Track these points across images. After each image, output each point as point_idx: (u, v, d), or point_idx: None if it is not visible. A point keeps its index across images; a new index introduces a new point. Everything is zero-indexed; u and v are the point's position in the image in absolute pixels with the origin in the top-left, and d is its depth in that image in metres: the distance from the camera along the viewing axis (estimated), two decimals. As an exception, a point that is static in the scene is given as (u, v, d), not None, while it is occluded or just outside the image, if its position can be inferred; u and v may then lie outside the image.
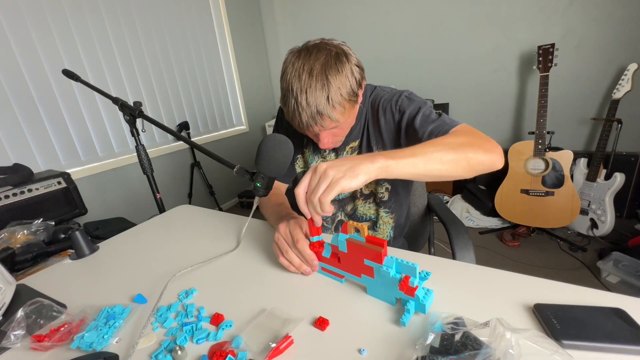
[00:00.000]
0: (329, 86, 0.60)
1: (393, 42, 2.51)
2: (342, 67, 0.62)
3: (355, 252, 0.48)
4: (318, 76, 0.60)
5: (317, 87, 0.60)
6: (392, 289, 0.46)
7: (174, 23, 2.28)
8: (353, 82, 0.64)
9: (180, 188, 2.48)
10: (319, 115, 0.62)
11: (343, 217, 0.91)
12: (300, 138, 0.86)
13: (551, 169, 1.80)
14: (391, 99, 0.75)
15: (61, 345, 0.45)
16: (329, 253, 0.53)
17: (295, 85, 0.61)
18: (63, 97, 1.72)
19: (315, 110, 0.61)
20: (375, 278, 0.48)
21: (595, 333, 0.37)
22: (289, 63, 0.64)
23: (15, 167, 1.46)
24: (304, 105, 0.61)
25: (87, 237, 0.74)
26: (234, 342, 0.41)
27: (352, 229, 0.48)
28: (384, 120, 0.76)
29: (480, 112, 2.36)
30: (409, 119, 0.71)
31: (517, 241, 1.91)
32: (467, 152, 0.54)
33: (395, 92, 0.76)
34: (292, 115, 0.64)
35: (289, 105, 0.63)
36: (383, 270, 0.45)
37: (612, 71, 1.89)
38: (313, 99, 0.60)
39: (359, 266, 0.49)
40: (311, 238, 0.54)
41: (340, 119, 0.64)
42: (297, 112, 0.62)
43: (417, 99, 0.74)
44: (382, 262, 0.45)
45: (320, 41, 0.66)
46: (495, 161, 0.57)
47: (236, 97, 2.87)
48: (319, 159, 0.86)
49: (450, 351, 0.33)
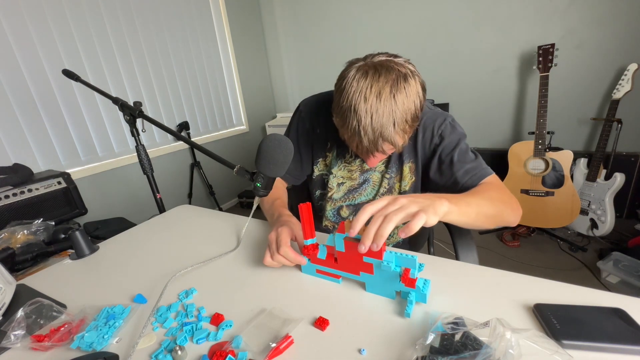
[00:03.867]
0: (396, 112, 0.57)
1: (393, 42, 2.51)
2: (410, 91, 0.58)
3: (353, 251, 0.48)
4: (386, 101, 0.56)
5: (385, 113, 0.57)
6: (392, 283, 0.47)
7: (174, 23, 2.28)
8: (418, 105, 0.60)
9: (180, 188, 2.48)
10: (381, 140, 0.59)
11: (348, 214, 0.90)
12: (324, 142, 0.84)
13: (551, 169, 1.80)
14: (435, 120, 0.73)
15: (61, 345, 0.45)
16: (325, 254, 0.53)
17: (361, 106, 0.57)
18: (63, 97, 1.72)
19: (379, 136, 0.58)
20: (374, 274, 0.48)
21: (595, 333, 0.37)
22: (351, 79, 0.59)
23: (15, 167, 1.46)
24: (369, 130, 0.58)
25: (87, 237, 0.74)
26: (234, 342, 0.41)
27: (348, 229, 0.48)
28: (422, 137, 0.75)
29: (480, 112, 2.36)
30: (447, 148, 0.72)
31: (517, 241, 1.91)
32: (503, 212, 0.62)
33: (439, 113, 0.75)
34: (352, 137, 0.61)
35: (350, 126, 0.60)
36: (384, 265, 0.45)
37: (612, 71, 1.89)
38: (379, 125, 0.57)
39: (357, 264, 0.49)
40: (305, 241, 0.54)
41: (400, 143, 0.61)
42: (359, 136, 0.59)
43: (459, 129, 0.74)
44: (382, 257, 0.46)
45: (386, 58, 0.61)
46: (517, 221, 0.66)
47: (236, 97, 2.87)
48: (342, 164, 0.84)
49: (450, 351, 0.33)
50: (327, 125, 0.80)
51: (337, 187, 0.86)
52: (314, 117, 0.84)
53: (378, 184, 0.84)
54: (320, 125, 0.83)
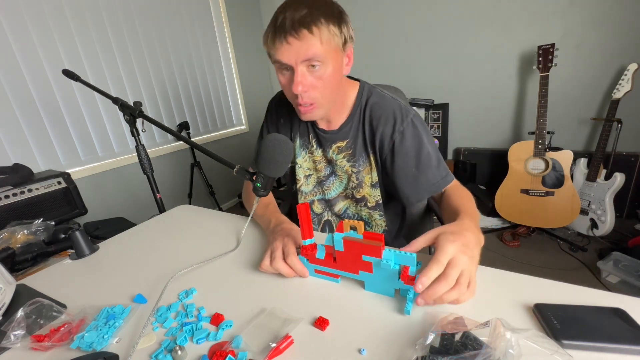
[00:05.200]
0: (313, 7, 0.59)
1: (393, 42, 2.51)
2: (333, 9, 0.62)
3: (352, 250, 0.48)
4: (306, 1, 0.60)
5: (299, 6, 0.59)
6: (391, 281, 0.47)
7: (174, 23, 2.28)
8: (340, 28, 0.63)
9: (180, 188, 2.48)
10: (298, 25, 0.58)
11: (330, 216, 0.90)
12: (288, 132, 0.86)
13: (551, 169, 1.80)
14: (395, 115, 0.72)
15: (61, 345, 0.45)
16: (323, 254, 0.53)
17: (279, 8, 0.61)
18: (63, 97, 1.72)
19: (297, 18, 0.58)
20: (374, 273, 0.48)
21: (595, 333, 0.37)
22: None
23: (15, 167, 1.47)
24: (287, 15, 0.59)
25: (87, 237, 0.74)
26: (234, 342, 0.41)
27: (347, 227, 0.48)
28: (382, 132, 0.73)
29: (480, 112, 2.36)
30: (411, 147, 0.71)
31: (517, 241, 1.91)
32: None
33: (400, 107, 0.73)
34: (267, 29, 0.62)
35: (269, 25, 0.62)
36: (384, 263, 0.45)
37: (612, 71, 1.89)
38: (296, 12, 0.59)
39: (356, 263, 0.49)
40: (303, 242, 0.53)
41: (319, 47, 0.60)
42: (275, 22, 0.60)
43: (421, 126, 0.73)
44: (381, 256, 0.46)
45: None
46: None
47: (236, 97, 2.87)
48: (306, 155, 0.84)
49: (450, 351, 0.33)
50: (291, 115, 0.84)
51: (304, 179, 0.87)
52: (279, 108, 0.87)
53: (346, 179, 0.82)
54: (284, 114, 0.86)
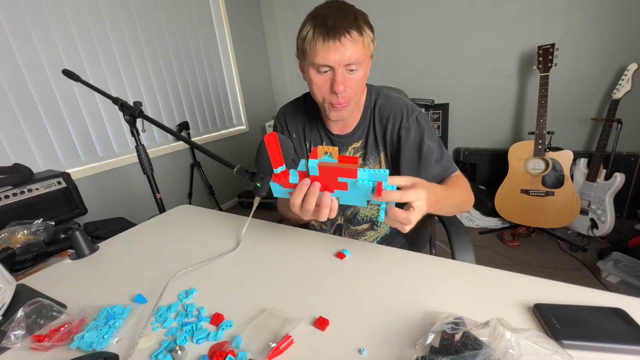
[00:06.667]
0: (357, 13, 0.64)
1: (393, 42, 2.50)
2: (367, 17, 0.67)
3: (328, 174, 0.49)
4: (348, 9, 0.64)
5: (345, 13, 0.62)
6: (366, 196, 0.51)
7: (174, 23, 2.28)
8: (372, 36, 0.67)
9: (180, 188, 2.48)
10: (351, 29, 0.61)
11: (342, 221, 0.90)
12: (302, 144, 0.87)
13: (551, 169, 1.80)
14: (402, 113, 0.76)
15: (61, 345, 0.45)
16: (297, 178, 0.53)
17: (321, 12, 0.64)
18: (63, 97, 1.72)
19: (348, 23, 0.61)
20: (349, 190, 0.50)
21: (595, 333, 0.37)
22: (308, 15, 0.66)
23: (15, 167, 1.46)
24: (337, 18, 0.61)
25: (87, 237, 0.74)
26: (234, 342, 0.41)
27: (322, 154, 0.48)
28: (391, 129, 0.77)
29: (480, 112, 2.35)
30: (413, 142, 0.76)
31: (517, 241, 1.91)
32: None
33: (406, 105, 0.78)
34: (313, 31, 0.63)
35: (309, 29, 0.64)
36: (360, 183, 0.48)
37: (612, 71, 1.89)
38: (345, 16, 0.62)
39: (332, 184, 0.50)
40: (274, 170, 0.51)
41: (362, 52, 0.64)
42: (325, 24, 0.62)
43: (424, 122, 0.77)
44: (356, 176, 0.47)
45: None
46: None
47: (236, 97, 2.87)
48: None
49: (450, 351, 0.33)
50: (305, 126, 0.85)
51: None
52: (291, 122, 0.87)
53: None
54: (298, 128, 0.86)
